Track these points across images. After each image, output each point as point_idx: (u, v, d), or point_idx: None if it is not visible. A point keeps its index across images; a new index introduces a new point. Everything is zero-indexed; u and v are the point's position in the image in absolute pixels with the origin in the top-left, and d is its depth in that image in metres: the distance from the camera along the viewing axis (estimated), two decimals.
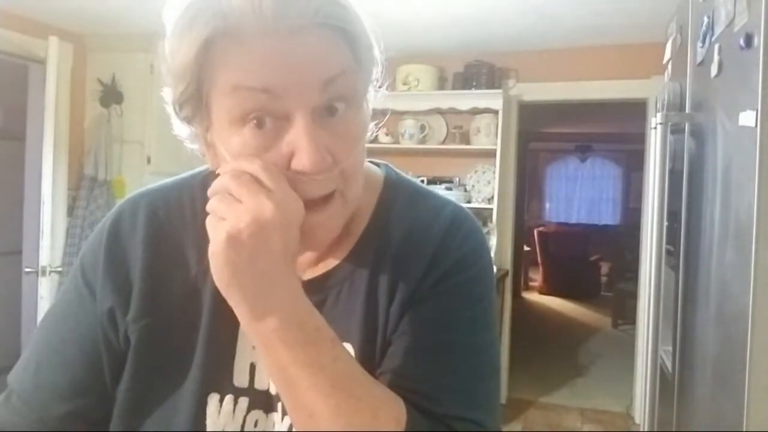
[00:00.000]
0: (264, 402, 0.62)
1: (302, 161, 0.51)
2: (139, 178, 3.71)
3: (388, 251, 0.62)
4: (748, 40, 1.08)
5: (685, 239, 1.57)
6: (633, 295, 4.52)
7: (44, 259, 3.12)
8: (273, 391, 0.62)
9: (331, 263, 0.63)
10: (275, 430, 0.61)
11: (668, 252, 1.64)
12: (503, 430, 3.55)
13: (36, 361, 0.64)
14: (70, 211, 3.70)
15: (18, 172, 3.50)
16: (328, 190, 0.54)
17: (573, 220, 10.09)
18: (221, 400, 0.61)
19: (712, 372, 1.29)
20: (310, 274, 0.64)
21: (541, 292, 7.77)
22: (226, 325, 0.61)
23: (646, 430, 1.64)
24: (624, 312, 5.91)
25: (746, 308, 1.05)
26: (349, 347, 0.60)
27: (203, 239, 0.61)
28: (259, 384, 0.62)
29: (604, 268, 7.93)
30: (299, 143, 0.51)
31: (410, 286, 0.60)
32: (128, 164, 3.77)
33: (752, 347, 1.03)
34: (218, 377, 0.61)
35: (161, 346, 0.62)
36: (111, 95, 3.67)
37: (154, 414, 0.61)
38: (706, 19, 1.40)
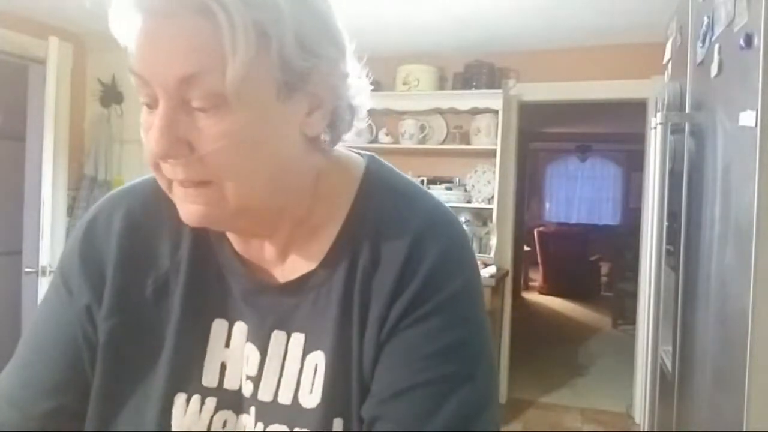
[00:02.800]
0: (233, 402, 0.60)
1: (150, 143, 0.52)
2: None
3: (362, 258, 0.59)
4: (748, 40, 1.08)
5: (685, 239, 1.57)
6: (633, 295, 4.52)
7: (44, 259, 3.12)
8: (246, 393, 0.60)
9: (306, 267, 0.61)
10: (247, 431, 0.59)
11: (668, 252, 1.64)
12: (503, 430, 3.55)
13: (21, 361, 0.65)
14: (70, 211, 3.70)
15: (18, 172, 3.50)
16: (186, 176, 0.53)
17: (573, 220, 10.08)
18: (188, 400, 0.59)
19: (712, 372, 1.29)
20: (285, 278, 0.62)
21: (541, 292, 7.77)
22: (197, 323, 0.61)
23: (646, 430, 1.64)
24: (624, 312, 5.91)
25: (746, 308, 1.05)
26: (320, 355, 0.58)
27: (177, 233, 0.64)
28: (229, 384, 0.61)
29: (604, 268, 7.92)
30: (154, 126, 0.52)
31: (383, 299, 0.58)
32: (128, 164, 3.77)
33: (752, 347, 1.03)
34: (186, 376, 0.60)
35: (130, 344, 0.62)
36: (111, 95, 3.68)
37: (123, 413, 0.60)
38: (706, 19, 1.40)
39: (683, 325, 1.56)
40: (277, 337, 0.60)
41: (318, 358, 0.58)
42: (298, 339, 0.60)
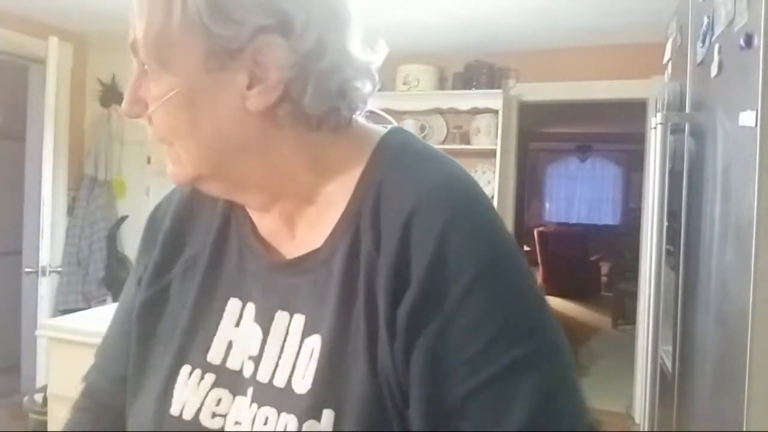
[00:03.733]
0: (231, 382, 0.59)
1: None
2: (139, 178, 3.71)
3: (364, 238, 0.55)
4: (748, 40, 1.08)
5: (685, 239, 1.57)
6: (633, 295, 4.51)
7: (44, 259, 3.12)
8: (247, 373, 0.59)
9: (312, 245, 0.59)
10: (240, 414, 0.58)
11: (668, 252, 1.64)
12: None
13: (107, 330, 0.75)
14: (70, 211, 3.70)
15: (18, 172, 3.51)
16: (153, 136, 0.59)
17: (573, 220, 10.08)
18: (190, 373, 0.61)
19: (712, 372, 1.29)
20: (293, 256, 0.61)
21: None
22: (213, 300, 0.63)
23: (646, 430, 1.64)
24: (624, 312, 5.91)
25: (746, 308, 1.05)
26: (317, 339, 0.55)
27: (212, 216, 0.68)
28: (231, 363, 0.60)
29: (604, 268, 7.92)
30: None
31: (386, 295, 0.53)
32: (128, 164, 3.77)
33: (752, 347, 1.03)
34: (194, 350, 0.62)
35: (158, 316, 0.66)
36: (111, 95, 3.68)
37: (146, 381, 0.64)
38: (706, 19, 1.40)
39: (683, 325, 1.56)
40: (280, 317, 0.59)
41: (315, 343, 0.56)
42: (298, 321, 0.58)
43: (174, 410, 0.59)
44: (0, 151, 3.89)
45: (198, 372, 0.60)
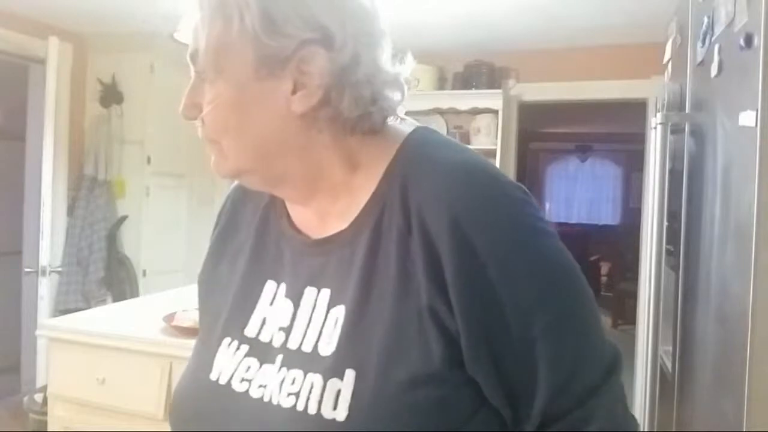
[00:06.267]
0: (261, 352, 0.66)
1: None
2: (139, 178, 3.71)
3: (394, 221, 0.62)
4: (748, 40, 1.08)
5: (685, 239, 1.57)
6: (633, 295, 4.51)
7: (44, 259, 3.13)
8: (277, 343, 0.66)
9: (338, 227, 0.66)
10: (266, 378, 0.64)
11: (668, 252, 1.64)
12: None
13: None
14: (70, 211, 3.70)
15: (18, 172, 3.51)
16: (202, 134, 0.66)
17: (573, 220, 10.08)
18: (230, 344, 0.69)
19: (712, 372, 1.29)
20: (317, 235, 0.68)
21: None
22: (254, 283, 0.71)
23: (646, 430, 1.64)
24: (624, 312, 5.91)
25: (746, 308, 1.05)
26: (341, 309, 0.62)
27: (256, 207, 0.76)
28: (263, 336, 0.67)
29: (604, 268, 7.92)
30: None
31: (424, 280, 0.59)
32: (128, 164, 3.76)
33: (752, 347, 1.03)
34: (236, 325, 0.70)
35: (213, 297, 0.76)
36: (111, 95, 3.68)
37: (204, 353, 0.72)
38: (706, 19, 1.40)
39: (683, 325, 1.56)
40: (309, 292, 0.66)
41: (340, 312, 0.62)
42: (324, 294, 0.65)
43: (213, 375, 0.67)
44: (0, 151, 3.89)
45: (236, 343, 0.69)
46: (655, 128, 1.58)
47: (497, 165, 3.72)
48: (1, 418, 3.33)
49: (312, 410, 0.58)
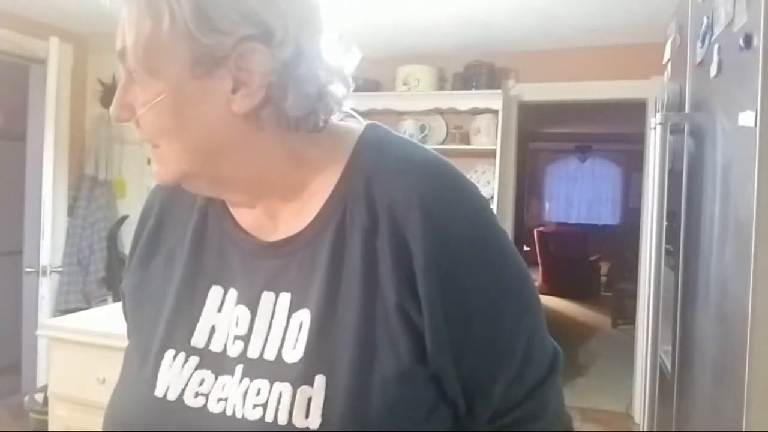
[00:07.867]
0: (215, 363, 0.63)
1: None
2: (139, 178, 3.71)
3: (358, 220, 0.60)
4: (748, 40, 1.08)
5: (685, 239, 1.57)
6: (633, 295, 4.51)
7: (45, 259, 3.13)
8: (234, 353, 0.62)
9: (295, 228, 0.64)
10: (226, 391, 0.60)
11: (668, 252, 1.64)
12: None
13: None
14: (70, 211, 3.70)
15: (19, 172, 3.51)
16: (139, 136, 0.63)
17: (573, 220, 10.08)
18: (174, 357, 0.64)
19: (712, 372, 1.29)
20: (269, 237, 0.65)
21: (541, 292, 7.74)
22: (195, 288, 0.67)
23: (645, 429, 1.64)
24: (624, 312, 5.91)
25: (746, 308, 1.06)
26: (305, 313, 0.60)
27: (190, 209, 0.71)
28: (214, 346, 0.64)
29: (604, 268, 7.93)
30: None
31: (391, 278, 0.58)
32: (128, 164, 3.77)
33: (752, 347, 1.04)
34: (179, 335, 0.65)
35: (142, 304, 0.70)
36: (111, 95, 3.64)
37: (135, 365, 0.67)
38: (705, 20, 1.40)
39: (683, 325, 1.56)
40: (267, 297, 0.63)
41: (303, 316, 0.60)
42: (285, 298, 0.62)
43: (158, 392, 0.62)
44: (0, 151, 3.89)
45: (182, 355, 0.64)
46: (655, 128, 1.58)
47: (497, 165, 3.73)
48: (1, 417, 3.33)
49: (282, 420, 0.56)
